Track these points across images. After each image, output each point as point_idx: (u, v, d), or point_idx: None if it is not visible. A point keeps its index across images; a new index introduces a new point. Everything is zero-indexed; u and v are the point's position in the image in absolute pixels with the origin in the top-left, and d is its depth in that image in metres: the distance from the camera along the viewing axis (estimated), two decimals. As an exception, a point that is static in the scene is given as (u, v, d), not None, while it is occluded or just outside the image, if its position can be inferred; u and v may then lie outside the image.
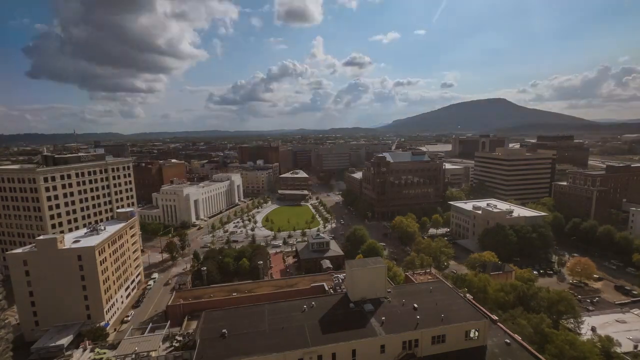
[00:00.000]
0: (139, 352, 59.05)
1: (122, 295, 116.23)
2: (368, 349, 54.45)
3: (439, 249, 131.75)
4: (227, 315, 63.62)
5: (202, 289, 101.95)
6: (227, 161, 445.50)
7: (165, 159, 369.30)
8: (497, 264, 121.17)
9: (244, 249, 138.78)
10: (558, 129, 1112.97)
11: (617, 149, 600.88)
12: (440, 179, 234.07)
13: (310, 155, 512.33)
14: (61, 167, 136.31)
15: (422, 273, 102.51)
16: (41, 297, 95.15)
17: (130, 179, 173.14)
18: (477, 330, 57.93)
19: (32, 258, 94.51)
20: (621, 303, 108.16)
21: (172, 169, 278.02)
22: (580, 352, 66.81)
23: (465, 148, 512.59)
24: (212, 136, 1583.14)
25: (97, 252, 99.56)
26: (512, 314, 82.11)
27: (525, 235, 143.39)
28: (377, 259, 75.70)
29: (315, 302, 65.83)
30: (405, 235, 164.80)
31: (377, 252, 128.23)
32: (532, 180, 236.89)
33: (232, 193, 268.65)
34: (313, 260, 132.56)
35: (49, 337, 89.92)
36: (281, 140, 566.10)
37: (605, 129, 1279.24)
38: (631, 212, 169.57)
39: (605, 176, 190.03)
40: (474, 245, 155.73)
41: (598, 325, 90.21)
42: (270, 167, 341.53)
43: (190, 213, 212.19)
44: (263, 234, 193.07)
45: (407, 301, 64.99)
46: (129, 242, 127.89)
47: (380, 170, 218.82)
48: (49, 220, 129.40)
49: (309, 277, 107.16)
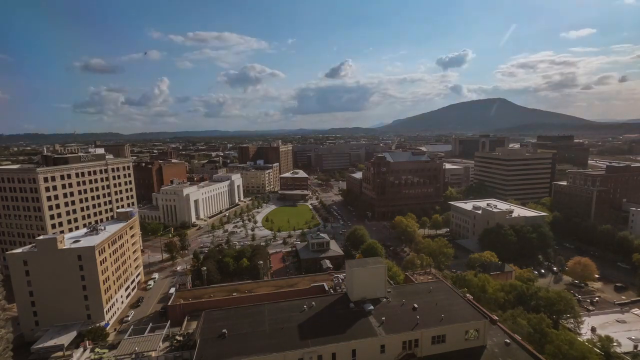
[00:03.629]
0: (139, 352, 59.09)
1: (122, 295, 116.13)
2: (368, 349, 54.49)
3: (439, 249, 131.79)
4: (227, 315, 63.67)
5: (202, 289, 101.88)
6: (227, 161, 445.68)
7: (165, 159, 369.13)
8: (497, 264, 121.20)
9: (244, 249, 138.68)
10: (558, 129, 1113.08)
11: (617, 149, 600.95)
12: (440, 179, 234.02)
13: (310, 155, 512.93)
14: (61, 167, 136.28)
15: (422, 273, 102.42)
16: (41, 297, 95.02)
17: (130, 179, 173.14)
18: (477, 330, 57.96)
19: (32, 258, 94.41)
20: (621, 303, 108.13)
21: (172, 169, 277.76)
22: (580, 352, 66.81)
23: (465, 148, 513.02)
24: (212, 136, 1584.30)
25: (97, 252, 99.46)
26: (512, 314, 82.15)
27: (525, 235, 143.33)
28: (377, 258, 75.80)
29: (315, 302, 65.86)
30: (405, 235, 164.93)
31: (376, 252, 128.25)
32: (532, 180, 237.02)
33: (232, 193, 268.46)
34: (313, 260, 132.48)
35: (49, 337, 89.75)
36: (281, 140, 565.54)
37: (605, 129, 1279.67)
38: (631, 212, 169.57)
39: (605, 176, 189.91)
40: (474, 245, 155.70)
41: (598, 325, 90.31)
42: (270, 167, 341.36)
43: (190, 213, 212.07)
44: (263, 234, 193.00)
45: (407, 301, 65.03)
46: (129, 242, 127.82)
47: (380, 170, 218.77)
48: (49, 220, 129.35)
49: (309, 277, 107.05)
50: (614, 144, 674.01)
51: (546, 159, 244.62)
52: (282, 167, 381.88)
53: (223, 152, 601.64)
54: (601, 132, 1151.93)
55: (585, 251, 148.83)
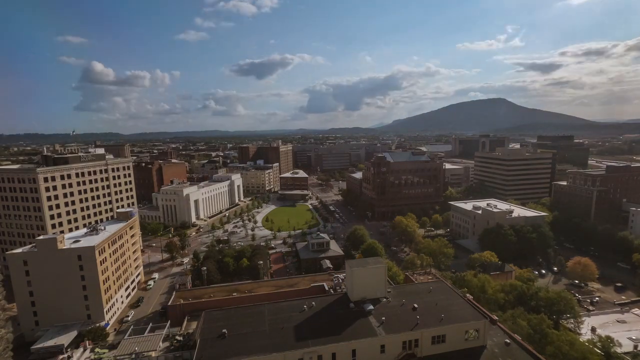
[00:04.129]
0: (139, 352, 59.10)
1: (122, 295, 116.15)
2: (368, 349, 54.49)
3: (439, 249, 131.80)
4: (227, 315, 63.66)
5: (202, 289, 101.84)
6: (227, 161, 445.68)
7: (165, 159, 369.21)
8: (497, 264, 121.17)
9: (244, 249, 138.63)
10: (558, 129, 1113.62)
11: (617, 149, 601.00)
12: (440, 179, 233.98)
13: (310, 155, 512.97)
14: (61, 167, 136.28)
15: (422, 273, 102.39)
16: (41, 297, 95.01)
17: (130, 179, 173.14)
18: (477, 330, 57.97)
19: (32, 258, 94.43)
20: (621, 303, 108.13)
21: (172, 169, 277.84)
22: (580, 353, 66.79)
23: (465, 148, 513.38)
24: (212, 136, 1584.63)
25: (97, 252, 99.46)
26: (512, 314, 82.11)
27: (525, 235, 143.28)
28: (377, 258, 75.81)
29: (315, 302, 65.86)
30: (405, 235, 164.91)
31: (376, 252, 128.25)
32: (532, 180, 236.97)
33: (232, 193, 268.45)
34: (313, 260, 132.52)
35: (49, 337, 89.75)
36: (281, 140, 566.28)
37: (605, 129, 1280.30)
38: (631, 212, 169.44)
39: (605, 176, 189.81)
40: (474, 245, 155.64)
41: (598, 325, 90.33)
42: (270, 167, 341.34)
43: (190, 213, 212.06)
44: (263, 234, 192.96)
45: (407, 301, 65.02)
46: (129, 242, 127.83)
47: (380, 170, 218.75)
48: (49, 220, 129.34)
49: (309, 277, 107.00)
50: (614, 144, 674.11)
51: (546, 159, 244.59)
52: (282, 167, 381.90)
53: (223, 152, 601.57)
54: (601, 132, 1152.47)
55: (585, 251, 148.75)
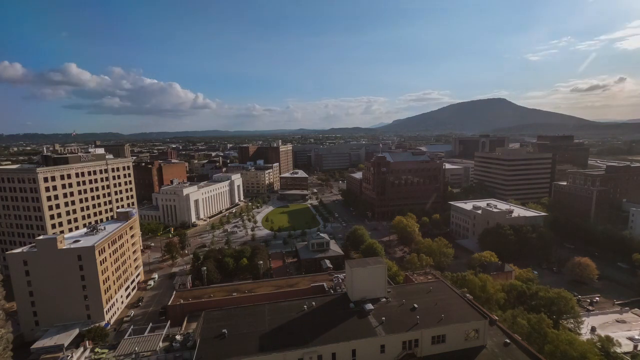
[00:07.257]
0: (138, 352, 59.05)
1: (122, 295, 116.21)
2: (368, 348, 54.48)
3: (439, 249, 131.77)
4: (227, 315, 63.63)
5: (202, 289, 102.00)
6: (227, 161, 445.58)
7: (165, 159, 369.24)
8: (497, 264, 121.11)
9: (244, 249, 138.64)
10: (558, 129, 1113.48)
11: (617, 149, 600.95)
12: (440, 179, 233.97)
13: (310, 155, 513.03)
14: (61, 167, 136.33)
15: (422, 273, 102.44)
16: (41, 297, 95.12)
17: (130, 179, 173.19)
18: (477, 330, 57.96)
19: (32, 258, 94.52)
20: (621, 303, 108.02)
21: (172, 169, 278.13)
22: (580, 352, 66.75)
23: (465, 148, 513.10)
24: (212, 136, 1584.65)
25: (97, 252, 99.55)
26: (512, 314, 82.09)
27: (525, 235, 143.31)
28: (377, 258, 75.74)
29: (315, 302, 65.87)
30: (405, 234, 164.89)
31: (376, 252, 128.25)
32: (532, 180, 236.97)
33: (232, 193, 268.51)
34: (313, 260, 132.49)
35: (49, 337, 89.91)
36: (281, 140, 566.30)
37: (605, 129, 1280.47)
38: (631, 212, 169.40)
39: (605, 176, 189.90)
40: (474, 245, 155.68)
41: (598, 325, 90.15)
42: (270, 167, 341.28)
43: (190, 213, 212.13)
44: (263, 234, 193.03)
45: (407, 301, 64.99)
46: (129, 242, 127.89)
47: (380, 170, 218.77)
48: (49, 220, 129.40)
49: (309, 277, 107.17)
50: (614, 144, 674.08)
51: (546, 159, 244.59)
52: (282, 167, 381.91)
53: (223, 152, 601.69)
54: (601, 132, 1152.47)
55: (585, 251, 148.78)
